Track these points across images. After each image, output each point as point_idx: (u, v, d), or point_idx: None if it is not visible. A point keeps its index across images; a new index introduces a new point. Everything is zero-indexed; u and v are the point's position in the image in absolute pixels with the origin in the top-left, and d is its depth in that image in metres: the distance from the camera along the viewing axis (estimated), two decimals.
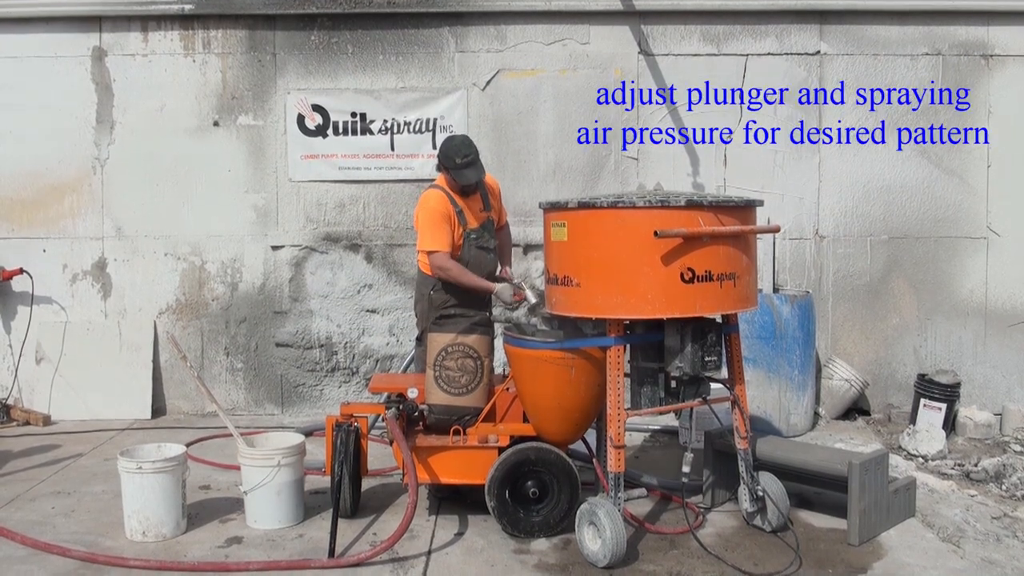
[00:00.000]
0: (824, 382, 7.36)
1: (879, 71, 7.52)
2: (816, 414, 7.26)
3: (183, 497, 5.02)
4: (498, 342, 5.45)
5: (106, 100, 7.69)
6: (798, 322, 6.78)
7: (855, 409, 7.51)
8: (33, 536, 4.87)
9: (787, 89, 7.52)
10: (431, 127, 7.61)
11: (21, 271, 7.62)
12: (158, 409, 7.72)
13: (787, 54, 7.53)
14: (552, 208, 4.75)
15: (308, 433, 6.44)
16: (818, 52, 7.52)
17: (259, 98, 7.67)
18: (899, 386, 7.55)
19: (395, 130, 7.61)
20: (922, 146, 7.53)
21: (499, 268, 5.89)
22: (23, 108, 7.67)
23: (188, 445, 5.97)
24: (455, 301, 5.53)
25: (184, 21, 7.64)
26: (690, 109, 7.54)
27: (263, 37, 7.65)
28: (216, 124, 7.69)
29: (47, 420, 7.49)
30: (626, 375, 4.70)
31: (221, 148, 7.68)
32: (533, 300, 5.48)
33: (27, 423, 7.47)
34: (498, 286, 5.53)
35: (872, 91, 7.52)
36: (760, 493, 4.91)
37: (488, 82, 7.59)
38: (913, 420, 6.99)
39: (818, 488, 5.28)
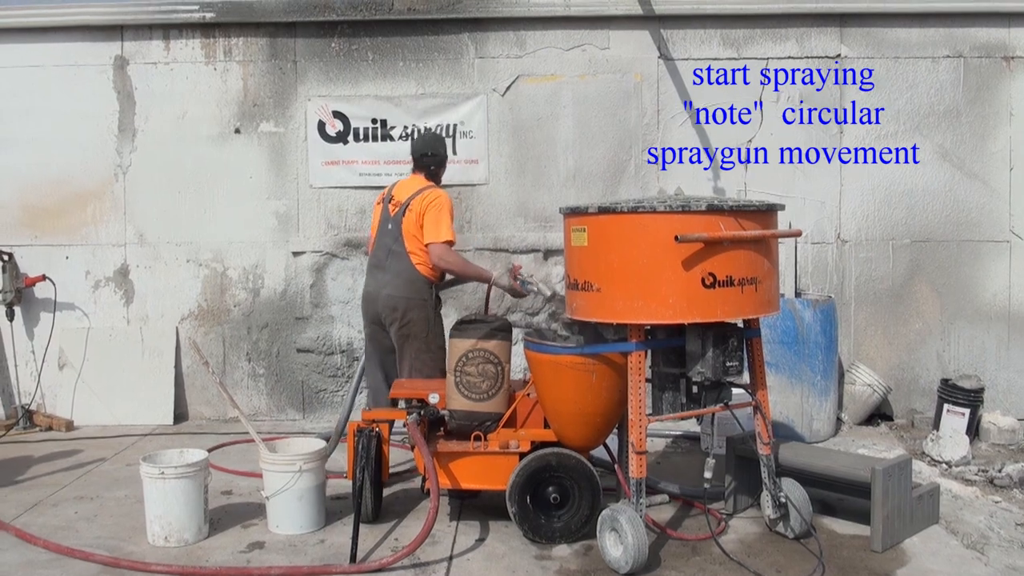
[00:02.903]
0: (847, 387, 7.30)
1: (900, 74, 7.47)
2: (839, 419, 7.21)
3: (205, 502, 5.02)
4: (518, 347, 5.44)
5: (128, 108, 7.74)
6: (820, 327, 6.74)
7: (878, 415, 7.45)
8: (56, 541, 4.90)
9: (808, 92, 7.49)
10: (451, 133, 7.61)
11: (44, 278, 7.67)
12: (180, 415, 7.75)
13: (807, 57, 7.49)
14: (572, 213, 4.74)
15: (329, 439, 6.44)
16: (838, 55, 7.48)
17: (280, 105, 7.70)
18: (922, 391, 7.49)
19: (415, 136, 7.62)
20: (944, 149, 7.47)
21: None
22: (46, 116, 7.73)
23: (209, 450, 6.00)
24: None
25: (205, 29, 7.68)
26: (710, 115, 7.51)
27: (284, 45, 7.68)
28: (237, 131, 7.73)
29: (70, 425, 7.53)
30: (647, 380, 4.68)
31: (242, 155, 7.71)
32: (548, 292, 5.78)
33: (50, 428, 7.51)
34: (495, 273, 5.78)
35: (893, 94, 7.47)
36: (783, 499, 4.87)
37: (508, 88, 7.59)
38: (936, 425, 6.93)
39: (841, 494, 5.24)
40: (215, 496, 5.53)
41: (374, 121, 7.65)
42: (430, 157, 5.99)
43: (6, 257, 7.59)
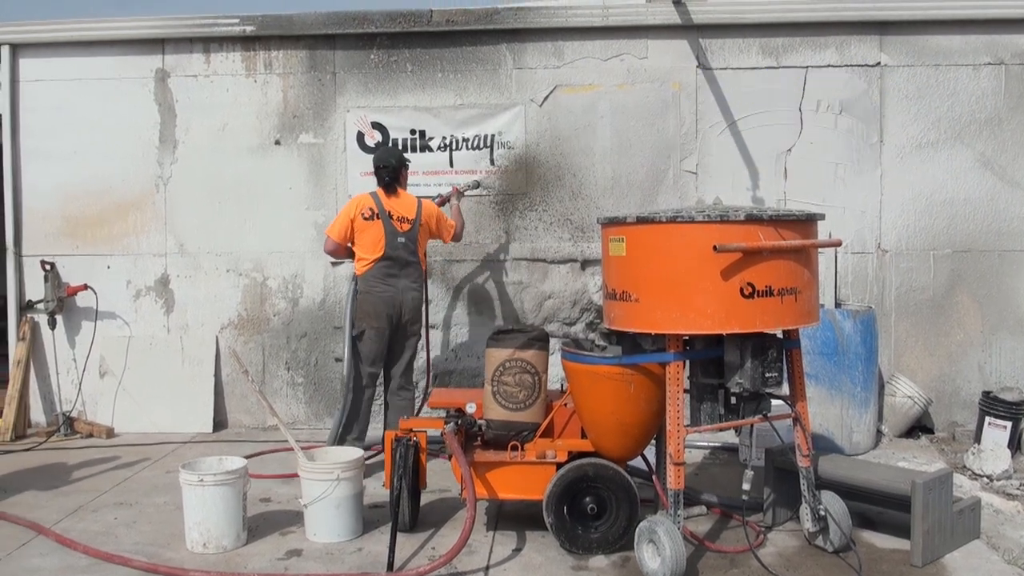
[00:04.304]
0: (887, 399, 7.22)
1: (940, 81, 7.39)
2: (879, 432, 7.13)
3: (244, 509, 5.06)
4: (554, 358, 5.43)
5: (169, 120, 7.84)
6: (860, 338, 6.67)
7: (918, 427, 7.36)
8: (95, 546, 4.96)
9: (848, 101, 7.43)
10: (489, 143, 7.63)
11: (85, 287, 7.78)
12: (219, 423, 7.82)
13: (847, 66, 7.44)
14: (610, 223, 4.73)
15: (369, 447, 6.47)
16: (878, 63, 7.42)
17: (319, 116, 7.76)
18: (963, 403, 7.38)
19: (454, 147, 7.65)
20: (985, 157, 7.38)
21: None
22: (88, 128, 7.87)
23: (248, 457, 6.03)
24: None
25: (246, 42, 7.77)
26: (749, 123, 7.48)
27: (323, 57, 7.74)
28: (277, 143, 7.80)
29: (110, 432, 7.62)
30: (685, 391, 4.65)
31: (282, 166, 7.78)
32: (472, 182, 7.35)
33: (90, 435, 7.61)
34: (455, 202, 7.06)
35: (934, 102, 7.40)
36: (822, 512, 4.82)
37: (545, 98, 7.61)
38: (978, 439, 6.82)
39: (881, 507, 5.17)
40: (253, 503, 5.57)
41: (412, 132, 7.69)
42: (383, 169, 6.50)
43: (48, 267, 7.71)
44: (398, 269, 6.42)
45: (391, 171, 6.51)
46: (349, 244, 6.52)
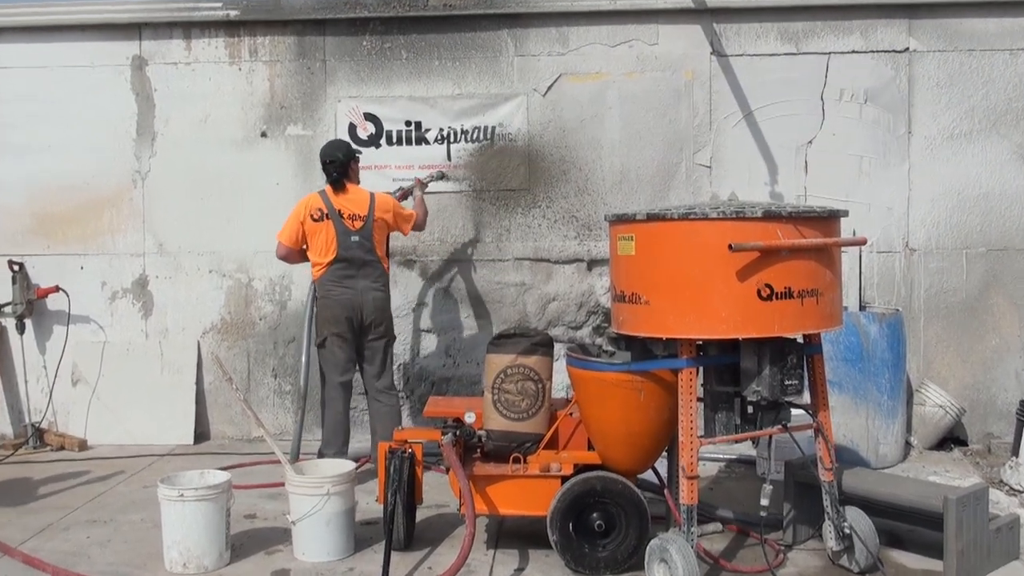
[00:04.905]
0: (916, 408, 7.23)
1: (974, 68, 7.41)
2: (907, 444, 7.14)
3: (227, 527, 5.07)
4: (559, 364, 5.45)
5: (147, 111, 7.87)
6: (887, 343, 6.68)
7: (950, 438, 7.36)
8: (66, 567, 4.97)
9: (873, 89, 7.44)
10: (489, 135, 7.66)
11: (57, 289, 7.80)
12: (201, 434, 7.84)
13: (873, 52, 7.45)
14: (618, 220, 4.75)
15: (358, 459, 6.49)
16: (907, 49, 7.43)
17: (308, 107, 7.79)
18: (1000, 413, 7.39)
19: (452, 139, 7.67)
20: (1023, 149, 7.39)
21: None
22: (60, 119, 7.89)
23: (227, 468, 6.03)
24: None
25: (229, 28, 7.80)
26: (767, 113, 7.50)
27: (312, 43, 7.77)
28: (263, 135, 7.83)
29: (83, 445, 7.64)
30: (699, 400, 4.67)
31: (268, 160, 7.80)
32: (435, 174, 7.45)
33: (62, 448, 7.62)
34: (419, 193, 7.09)
35: (967, 90, 7.41)
36: (847, 530, 4.83)
37: (549, 87, 7.63)
38: (1016, 451, 6.82)
39: (911, 525, 5.18)
40: (238, 520, 5.58)
41: (408, 123, 7.72)
42: (329, 165, 6.57)
43: (16, 267, 7.73)
44: (355, 270, 6.48)
45: (338, 166, 6.55)
46: (304, 247, 6.58)
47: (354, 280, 6.47)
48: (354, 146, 6.90)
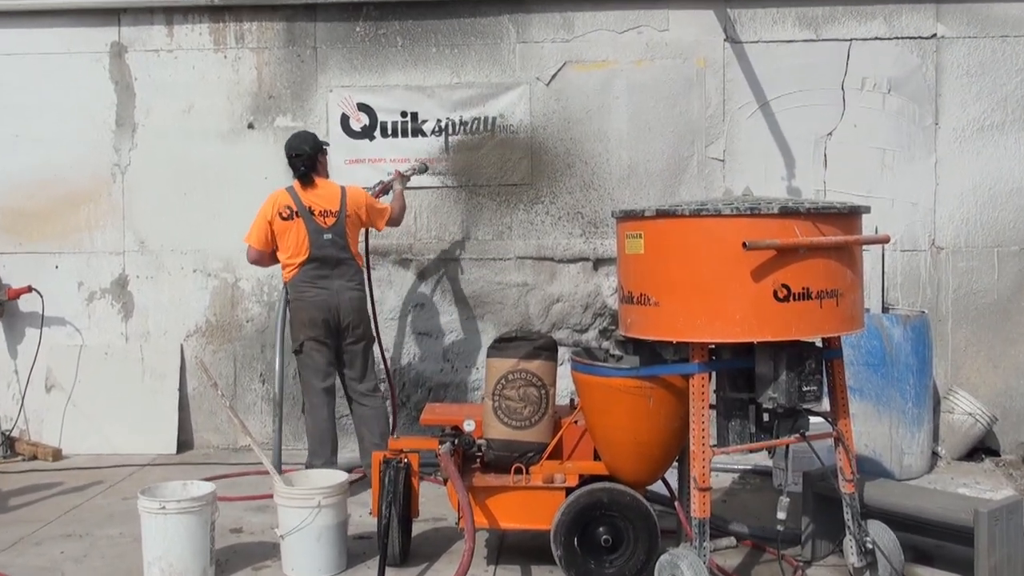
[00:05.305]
0: (943, 416, 7.23)
1: (1007, 56, 7.41)
2: (934, 454, 7.14)
3: (211, 541, 5.07)
4: (564, 368, 5.45)
5: (127, 101, 7.88)
6: (912, 347, 6.68)
7: (981, 448, 7.36)
8: None
9: (898, 78, 7.44)
10: (490, 127, 7.66)
11: (30, 289, 7.79)
12: (185, 442, 7.85)
13: (898, 38, 7.45)
14: (626, 217, 4.75)
15: (350, 470, 6.49)
16: (934, 35, 7.44)
17: (298, 97, 7.80)
18: None
19: (450, 131, 7.68)
20: None
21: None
22: (33, 110, 7.90)
23: (211, 478, 6.04)
24: None
25: (214, 13, 7.81)
26: (784, 103, 7.50)
27: (302, 29, 7.78)
28: (251, 126, 7.84)
29: (57, 454, 7.64)
30: (712, 407, 4.67)
31: (256, 153, 7.81)
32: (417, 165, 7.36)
33: (34, 457, 7.62)
34: (398, 186, 7.06)
35: (1000, 79, 7.41)
36: (869, 545, 4.83)
37: (553, 76, 7.63)
38: None
39: (938, 540, 5.17)
40: (223, 534, 5.59)
41: (403, 114, 7.72)
42: (296, 159, 6.57)
43: None
44: (329, 269, 6.49)
45: (306, 159, 6.55)
46: (274, 249, 6.58)
47: (329, 280, 6.47)
48: (320, 138, 6.85)
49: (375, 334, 6.92)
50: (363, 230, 6.88)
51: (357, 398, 6.66)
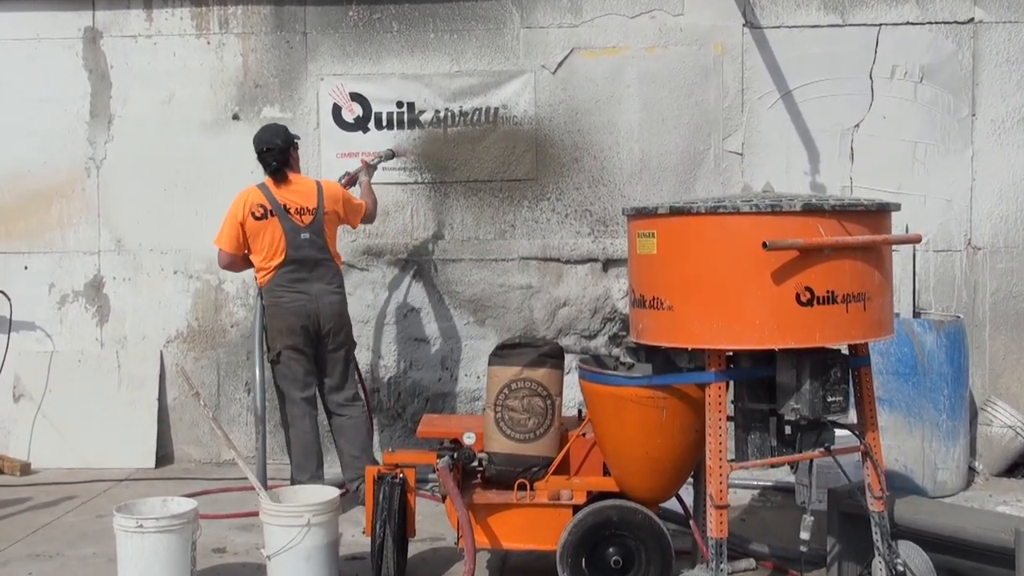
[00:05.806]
0: (981, 429, 7.24)
1: None
2: (971, 469, 7.14)
3: (192, 562, 5.08)
4: (571, 377, 5.46)
5: (102, 90, 7.90)
6: (946, 354, 6.68)
7: (1022, 464, 7.36)
8: None
9: (931, 66, 7.45)
10: (492, 118, 7.68)
11: None
12: (164, 456, 7.87)
13: (931, 23, 7.46)
14: (638, 215, 4.76)
15: (342, 486, 6.51)
16: (971, 20, 7.45)
17: (287, 86, 7.82)
18: None
19: (449, 122, 7.70)
20: None
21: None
22: (0, 100, 7.91)
23: (193, 495, 6.05)
24: None
25: None
26: (807, 93, 7.51)
27: (291, 14, 7.80)
28: (236, 117, 7.86)
29: (26, 468, 7.65)
30: (729, 418, 4.67)
31: (241, 146, 7.77)
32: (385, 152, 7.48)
33: (1, 471, 7.63)
34: (365, 179, 7.11)
35: None
36: (900, 567, 4.83)
37: (560, 63, 7.65)
38: None
39: (976, 563, 5.16)
40: (205, 555, 5.60)
41: (399, 104, 7.74)
42: (267, 153, 6.56)
43: None
44: (307, 272, 6.49)
45: (278, 154, 6.54)
46: (247, 252, 6.57)
47: (307, 284, 6.48)
48: (291, 131, 6.82)
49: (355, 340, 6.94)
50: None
51: (335, 408, 6.68)
